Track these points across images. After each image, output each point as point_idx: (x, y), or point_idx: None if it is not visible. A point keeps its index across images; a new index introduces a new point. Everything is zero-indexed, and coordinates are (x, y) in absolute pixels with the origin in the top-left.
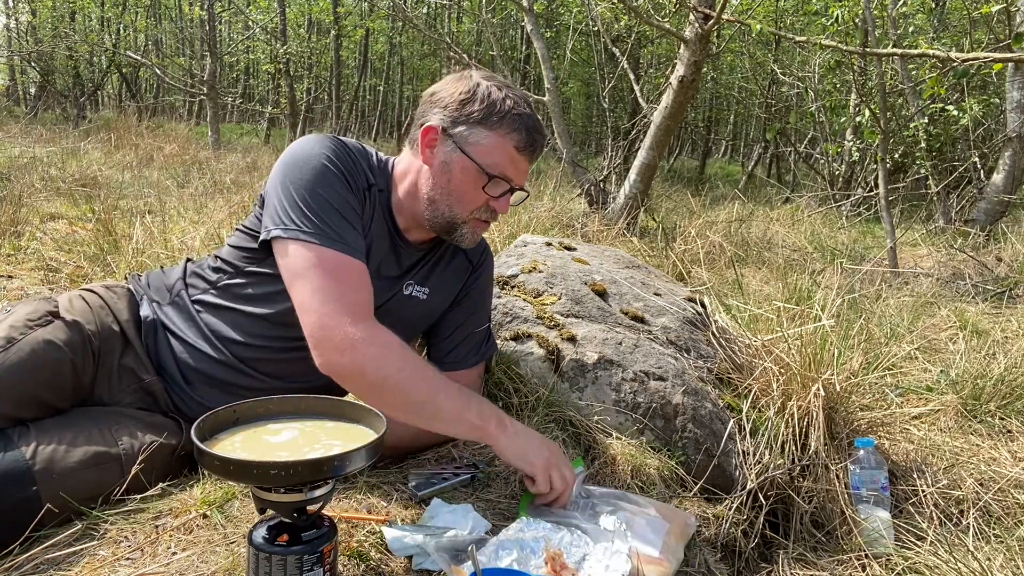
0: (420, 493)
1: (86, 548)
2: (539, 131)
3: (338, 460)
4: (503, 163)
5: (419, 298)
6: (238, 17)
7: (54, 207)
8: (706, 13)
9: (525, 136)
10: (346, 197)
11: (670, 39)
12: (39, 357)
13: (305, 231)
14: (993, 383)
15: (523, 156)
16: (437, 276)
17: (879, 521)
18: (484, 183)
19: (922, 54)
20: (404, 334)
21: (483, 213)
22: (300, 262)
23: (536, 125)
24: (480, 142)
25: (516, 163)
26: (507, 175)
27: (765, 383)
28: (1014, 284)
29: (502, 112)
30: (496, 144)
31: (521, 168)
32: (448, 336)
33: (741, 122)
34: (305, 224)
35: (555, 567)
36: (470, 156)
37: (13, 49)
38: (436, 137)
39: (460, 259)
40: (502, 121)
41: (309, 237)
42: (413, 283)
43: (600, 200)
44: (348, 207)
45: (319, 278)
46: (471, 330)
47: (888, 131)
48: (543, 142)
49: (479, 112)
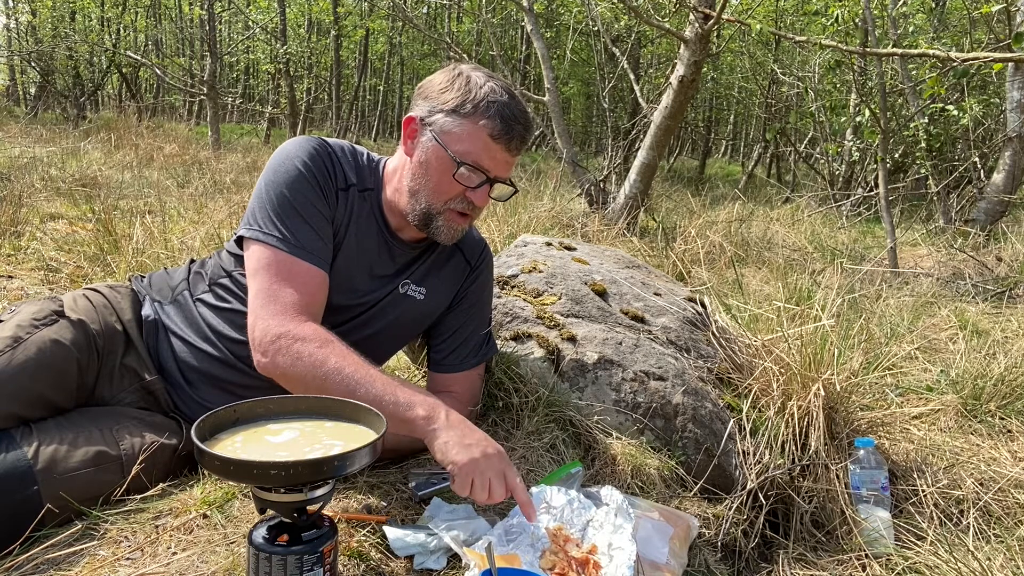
0: (420, 493)
1: (86, 548)
2: (518, 120)
3: (338, 460)
4: (476, 151)
5: (416, 298)
6: (238, 17)
7: (54, 207)
8: (706, 13)
9: (500, 124)
10: (314, 202)
11: (670, 39)
12: (46, 356)
13: (265, 232)
14: (993, 383)
15: (499, 145)
16: (434, 276)
17: (879, 521)
18: (454, 170)
19: (922, 54)
20: (401, 334)
21: (459, 204)
22: (255, 262)
23: (515, 114)
24: (452, 130)
25: (491, 152)
26: (481, 164)
27: (765, 383)
28: (1014, 284)
29: (476, 100)
30: (469, 132)
31: (498, 158)
32: (447, 338)
33: (741, 122)
34: (267, 226)
35: (559, 541)
36: (442, 144)
37: (13, 49)
38: (416, 128)
39: (458, 259)
40: (476, 108)
41: (268, 239)
42: (410, 282)
43: (600, 200)
44: (314, 212)
45: (266, 279)
46: (470, 332)
47: (888, 131)
48: (523, 132)
49: (454, 100)
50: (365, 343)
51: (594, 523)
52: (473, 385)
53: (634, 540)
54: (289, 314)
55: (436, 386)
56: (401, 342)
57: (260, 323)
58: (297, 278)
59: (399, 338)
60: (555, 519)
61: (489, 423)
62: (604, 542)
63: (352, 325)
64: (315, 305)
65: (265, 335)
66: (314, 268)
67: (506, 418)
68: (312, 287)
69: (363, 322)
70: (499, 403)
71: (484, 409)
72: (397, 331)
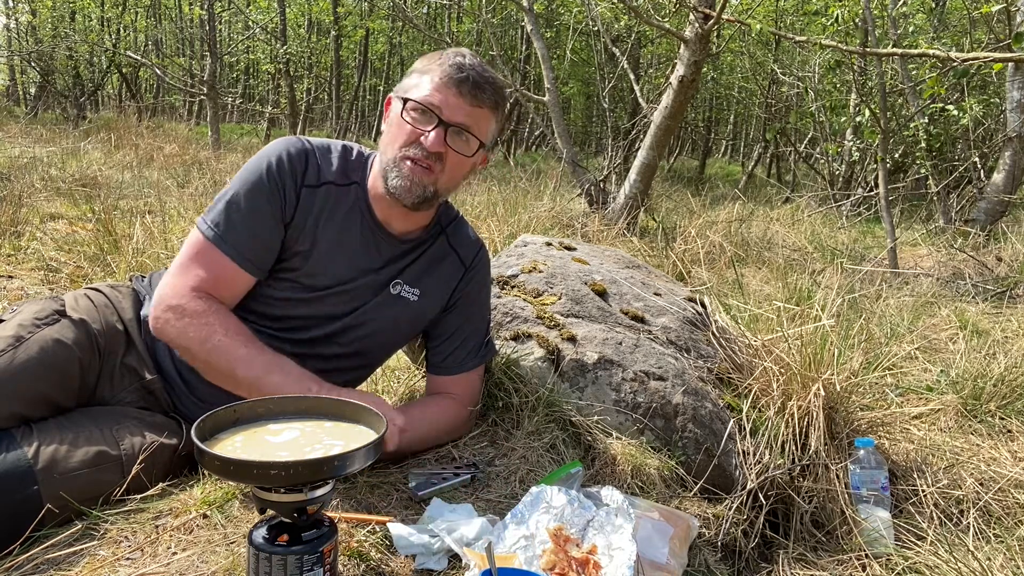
0: (420, 493)
1: (86, 548)
2: (473, 68)
3: (338, 460)
4: (424, 92)
5: (408, 299)
6: (238, 17)
7: (54, 207)
8: (706, 13)
9: (450, 68)
10: (262, 206)
11: (670, 39)
12: (48, 355)
13: (205, 222)
14: (993, 383)
15: (450, 89)
16: (428, 277)
17: (879, 521)
18: (401, 109)
19: (922, 54)
20: (396, 336)
21: (413, 150)
22: (186, 242)
23: (471, 64)
24: (407, 83)
25: (442, 93)
26: (430, 103)
27: (765, 383)
28: (1014, 284)
29: (436, 60)
30: (421, 80)
31: (450, 101)
32: (445, 340)
33: (741, 122)
34: (210, 216)
35: (559, 541)
36: (398, 96)
37: (13, 49)
38: (389, 103)
39: (452, 259)
40: (431, 63)
41: (202, 225)
42: (402, 283)
43: (600, 200)
44: (259, 215)
45: (184, 257)
46: (468, 334)
47: (888, 131)
48: (477, 79)
49: (420, 66)
50: (361, 344)
51: (594, 523)
52: (472, 386)
53: (634, 540)
54: (188, 290)
55: (435, 388)
56: (398, 344)
57: (160, 291)
58: (211, 264)
59: (395, 340)
60: (555, 519)
61: (489, 423)
62: (604, 542)
63: (344, 324)
64: (221, 291)
65: (160, 303)
66: (231, 263)
67: (506, 418)
68: (223, 277)
69: (356, 323)
70: (499, 403)
71: (484, 409)
72: (392, 333)
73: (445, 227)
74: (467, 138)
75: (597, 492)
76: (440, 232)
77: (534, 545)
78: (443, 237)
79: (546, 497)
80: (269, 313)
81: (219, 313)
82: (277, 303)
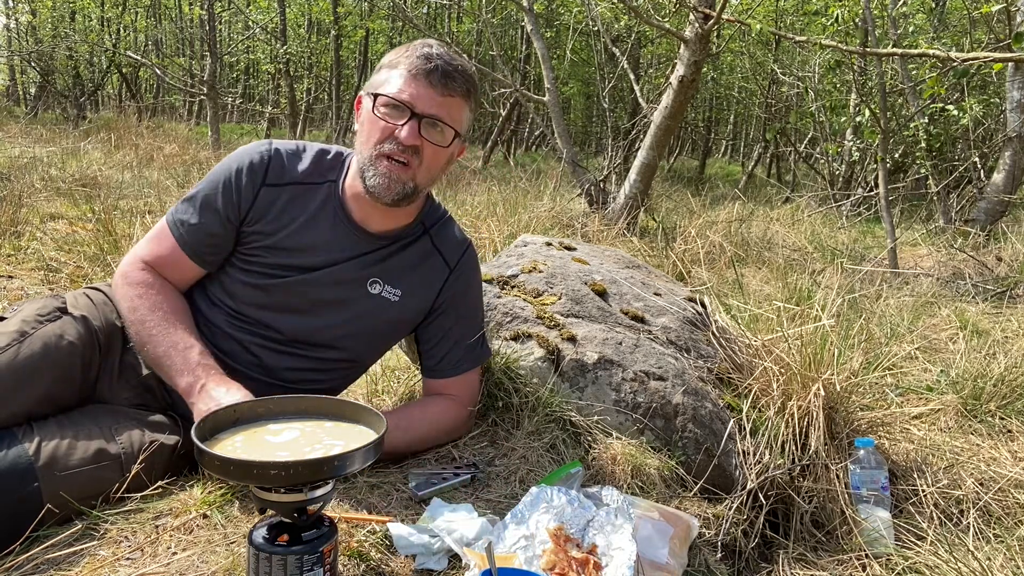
0: (420, 493)
1: (86, 548)
2: (441, 58)
3: (338, 460)
4: (394, 85)
5: (389, 299)
6: (238, 17)
7: (54, 207)
8: (706, 13)
9: (418, 60)
10: (217, 204)
11: (670, 39)
12: (51, 351)
13: (172, 210)
14: (993, 383)
15: (420, 80)
16: (410, 277)
17: (879, 521)
18: (373, 105)
19: (922, 54)
20: (381, 340)
21: (387, 145)
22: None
23: (439, 54)
24: (378, 80)
25: (412, 85)
26: (400, 97)
27: (765, 383)
28: (1014, 284)
29: (402, 51)
30: (390, 74)
31: (421, 93)
32: (437, 343)
33: (741, 122)
34: (177, 207)
35: (559, 541)
36: (368, 94)
37: (13, 49)
38: (359, 102)
39: (436, 260)
40: (398, 56)
41: (169, 215)
42: (381, 282)
43: (600, 200)
44: (209, 213)
45: (150, 234)
46: (460, 336)
47: (888, 131)
48: (446, 68)
49: (387, 60)
50: (343, 344)
51: (594, 523)
52: (470, 387)
53: (634, 540)
54: (138, 260)
55: (432, 390)
56: (384, 345)
57: (123, 259)
58: (163, 245)
59: (380, 341)
60: (555, 519)
61: (489, 423)
62: (604, 542)
63: (325, 323)
64: (167, 271)
65: (119, 269)
66: (178, 248)
67: (506, 418)
68: (170, 259)
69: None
70: (499, 403)
71: (484, 409)
72: (375, 333)
73: (429, 227)
74: (442, 128)
75: (597, 492)
76: (424, 232)
77: (534, 545)
78: (427, 237)
79: (546, 497)
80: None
81: (157, 288)
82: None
